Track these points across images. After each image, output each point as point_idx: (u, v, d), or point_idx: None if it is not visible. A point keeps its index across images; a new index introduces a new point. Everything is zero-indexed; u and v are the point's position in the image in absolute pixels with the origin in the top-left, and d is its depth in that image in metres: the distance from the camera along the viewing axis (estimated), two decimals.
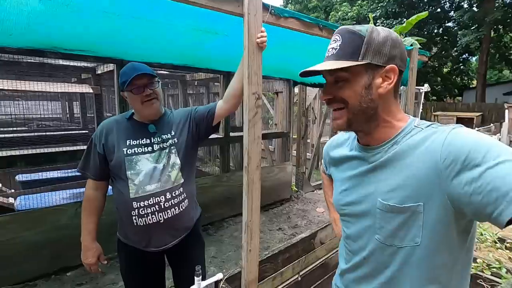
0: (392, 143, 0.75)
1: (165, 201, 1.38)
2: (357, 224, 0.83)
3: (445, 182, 0.63)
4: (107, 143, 1.40)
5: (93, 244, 1.46)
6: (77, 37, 2.07)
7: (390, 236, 0.73)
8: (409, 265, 0.73)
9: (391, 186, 0.72)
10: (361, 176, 0.81)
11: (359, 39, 0.71)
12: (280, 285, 1.82)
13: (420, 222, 0.68)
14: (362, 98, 0.73)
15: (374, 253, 0.78)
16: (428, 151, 0.67)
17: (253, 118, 1.40)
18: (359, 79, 0.73)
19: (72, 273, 2.64)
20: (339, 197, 0.88)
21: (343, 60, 0.72)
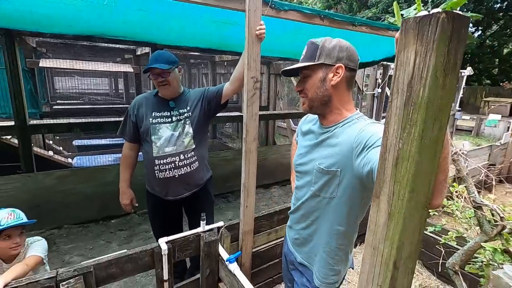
0: (335, 126, 1.04)
1: (179, 161, 1.79)
2: (303, 179, 1.15)
3: (354, 157, 0.92)
4: (138, 114, 1.82)
5: (128, 189, 1.94)
6: (119, 26, 2.47)
7: (319, 189, 1.06)
8: (328, 210, 1.06)
9: (325, 155, 1.03)
10: (311, 146, 1.12)
11: (315, 47, 1.00)
12: (275, 240, 2.17)
13: (337, 181, 1.00)
14: (318, 89, 1.01)
15: (309, 199, 1.12)
16: (349, 135, 0.96)
17: (251, 98, 1.69)
18: (316, 74, 1.01)
19: (115, 221, 3.25)
20: (296, 158, 1.21)
21: (306, 62, 1.02)
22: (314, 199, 1.09)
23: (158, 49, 3.18)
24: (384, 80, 5.36)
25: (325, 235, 1.09)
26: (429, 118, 0.53)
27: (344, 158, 0.96)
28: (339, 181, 0.99)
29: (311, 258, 1.17)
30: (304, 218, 1.15)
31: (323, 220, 1.09)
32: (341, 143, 0.98)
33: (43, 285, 1.24)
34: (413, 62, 0.54)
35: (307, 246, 1.18)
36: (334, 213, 1.05)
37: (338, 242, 1.08)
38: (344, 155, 0.96)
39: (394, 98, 0.57)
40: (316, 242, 1.14)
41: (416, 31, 0.53)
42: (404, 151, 0.56)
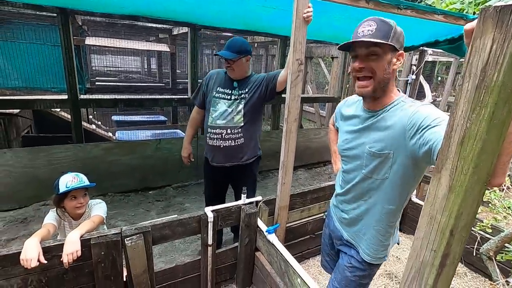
0: (384, 110, 1.06)
1: (226, 134, 2.01)
2: (352, 162, 1.19)
3: (407, 139, 0.95)
4: (207, 86, 2.12)
5: (188, 145, 2.29)
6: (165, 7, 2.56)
7: (371, 171, 1.10)
8: (380, 191, 1.10)
9: (375, 139, 1.06)
10: (358, 131, 1.15)
11: (389, 27, 0.98)
12: (307, 217, 2.28)
13: (389, 163, 1.04)
14: (385, 71, 1.01)
15: (360, 182, 1.16)
16: (401, 118, 0.98)
17: (295, 80, 1.75)
18: (386, 56, 0.99)
19: (152, 192, 3.50)
20: (342, 144, 1.23)
21: (379, 39, 0.96)
22: (366, 181, 1.12)
23: (196, 29, 3.26)
24: (420, 66, 5.15)
25: (377, 214, 1.13)
26: (501, 100, 0.58)
27: (397, 140, 0.99)
28: (391, 163, 1.02)
29: (358, 237, 1.22)
30: (355, 199, 1.20)
31: (375, 200, 1.12)
32: (393, 126, 1.01)
33: (111, 239, 1.43)
34: (489, 48, 0.58)
35: (356, 225, 1.22)
36: (386, 193, 1.08)
37: (390, 219, 1.13)
38: (396, 137, 0.99)
39: (466, 81, 0.62)
40: (367, 222, 1.18)
41: (496, 20, 0.57)
42: (472, 130, 0.62)
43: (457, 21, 2.48)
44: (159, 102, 3.22)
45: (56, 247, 1.36)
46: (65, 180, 1.61)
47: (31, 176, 2.87)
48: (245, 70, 2.06)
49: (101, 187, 3.20)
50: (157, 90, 5.12)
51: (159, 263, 2.32)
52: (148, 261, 1.55)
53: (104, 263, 1.44)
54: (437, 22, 2.41)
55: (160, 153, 3.44)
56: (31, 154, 2.85)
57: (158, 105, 3.32)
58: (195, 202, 3.36)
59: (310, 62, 5.54)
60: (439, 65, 10.18)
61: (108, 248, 1.43)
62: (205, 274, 1.86)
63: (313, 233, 2.35)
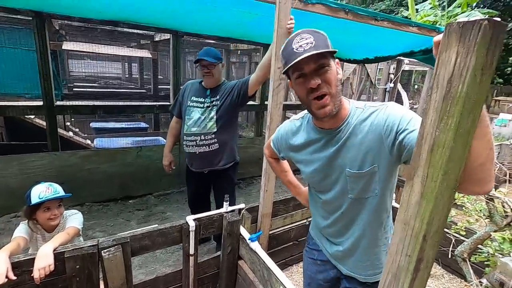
0: (346, 124, 0.96)
1: (200, 140, 2.08)
2: (332, 191, 1.04)
3: (386, 144, 0.88)
4: (183, 96, 2.23)
5: (169, 153, 2.36)
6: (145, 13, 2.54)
7: (360, 193, 0.98)
8: (372, 207, 0.99)
9: (353, 158, 0.95)
10: (329, 156, 1.00)
11: (324, 36, 0.90)
12: (290, 224, 2.28)
13: (377, 178, 0.94)
14: (336, 82, 0.90)
15: (348, 207, 1.03)
16: (374, 125, 0.90)
17: (277, 88, 1.77)
18: (333, 65, 0.90)
19: (133, 201, 3.40)
20: (312, 175, 1.07)
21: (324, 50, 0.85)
22: (356, 204, 1.01)
23: (179, 36, 3.25)
24: (397, 75, 5.37)
25: (375, 230, 1.03)
26: (465, 110, 0.62)
27: (376, 150, 0.91)
28: (378, 176, 0.94)
29: (359, 268, 1.09)
30: (346, 228, 1.07)
31: (369, 219, 1.01)
32: (367, 137, 0.92)
33: (87, 251, 1.37)
34: (454, 61, 0.62)
35: (353, 255, 1.09)
36: (379, 205, 0.99)
37: (388, 227, 1.06)
38: (375, 148, 0.91)
39: (434, 92, 0.66)
40: (365, 245, 1.05)
41: (459, 35, 0.61)
42: (440, 139, 0.65)
43: (430, 33, 2.61)
44: (140, 109, 3.17)
45: (26, 261, 1.29)
46: (37, 190, 1.54)
47: (2, 186, 2.73)
48: (221, 76, 2.19)
49: (79, 196, 3.08)
50: (138, 96, 5.04)
51: (139, 274, 2.24)
52: (127, 274, 1.50)
53: (79, 277, 1.37)
54: (412, 33, 2.53)
55: (141, 160, 3.36)
56: (1, 163, 2.70)
57: (139, 112, 3.26)
58: (177, 210, 3.30)
59: None
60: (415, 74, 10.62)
61: (83, 261, 1.37)
62: (187, 284, 1.82)
63: (296, 239, 2.36)
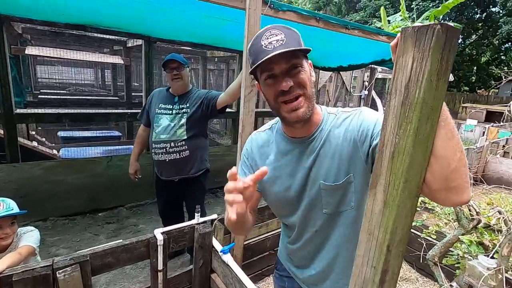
0: (320, 131, 0.86)
1: (170, 148, 2.03)
2: (305, 209, 0.90)
3: (362, 151, 0.80)
4: (151, 104, 2.18)
5: (135, 162, 2.30)
6: (113, 17, 2.45)
7: (335, 206, 0.86)
8: (347, 225, 0.88)
9: (328, 169, 0.84)
10: (307, 167, 0.87)
11: (296, 33, 0.80)
12: (265, 233, 2.23)
13: (352, 188, 0.84)
14: (311, 83, 0.80)
15: (323, 225, 0.90)
16: (348, 132, 0.82)
17: (248, 94, 1.74)
18: (306, 65, 0.80)
19: (103, 214, 3.21)
20: (284, 190, 0.91)
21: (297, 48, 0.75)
22: (330, 220, 0.89)
23: (151, 42, 3.17)
24: (371, 82, 5.54)
25: (353, 247, 0.83)
26: (423, 116, 0.60)
27: (352, 158, 0.82)
28: (354, 186, 0.84)
29: None
30: (319, 248, 0.94)
31: (346, 234, 0.89)
32: (341, 144, 0.83)
33: (39, 273, 1.25)
34: (410, 66, 0.60)
35: (329, 277, 0.95)
36: (356, 219, 0.87)
37: None
38: (350, 155, 0.82)
39: (392, 98, 0.64)
40: (340, 265, 0.92)
41: (414, 39, 0.60)
42: (400, 146, 0.63)
43: None
44: (111, 117, 3.03)
45: None
46: None
47: None
48: (189, 82, 2.16)
49: (42, 210, 2.87)
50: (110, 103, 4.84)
51: None
52: None
53: None
54: (382, 42, 2.61)
55: (112, 170, 3.20)
56: None
57: (110, 120, 3.11)
58: (151, 222, 3.16)
59: None
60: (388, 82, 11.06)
61: (35, 284, 1.24)
62: None
63: (272, 249, 2.31)
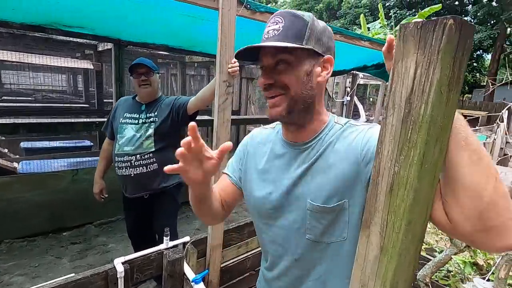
0: (318, 139, 0.74)
1: (135, 161, 1.80)
2: (283, 226, 0.77)
3: (364, 175, 0.65)
4: (115, 114, 1.94)
5: (100, 180, 2.01)
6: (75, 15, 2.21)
7: (321, 234, 0.72)
8: (338, 259, 0.73)
9: (319, 187, 0.70)
10: (293, 178, 0.75)
11: (303, 23, 0.68)
12: (245, 253, 2.05)
13: (346, 218, 0.69)
14: (304, 85, 0.69)
15: (305, 253, 0.75)
16: (350, 150, 0.67)
17: (223, 103, 1.57)
18: (302, 64, 0.69)
19: (68, 233, 2.92)
20: (263, 195, 0.80)
21: (288, 42, 0.66)
22: (316, 249, 0.74)
23: (122, 46, 2.95)
24: (353, 88, 5.52)
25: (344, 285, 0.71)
26: (431, 139, 0.46)
27: (350, 182, 0.67)
28: (348, 215, 0.69)
29: None
30: (298, 281, 0.78)
31: (334, 271, 0.74)
32: (338, 164, 0.69)
33: None
34: (413, 74, 0.46)
35: None
36: (347, 255, 0.71)
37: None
38: (349, 178, 0.67)
39: (389, 114, 0.50)
40: None
41: (418, 39, 0.45)
42: (401, 176, 0.48)
43: (381, 48, 2.62)
44: (76, 126, 2.77)
45: None
46: None
47: None
48: (158, 89, 1.96)
49: None
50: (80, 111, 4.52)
51: None
52: None
53: None
54: (365, 48, 2.53)
55: (78, 185, 2.92)
56: None
57: (75, 130, 2.85)
58: (122, 241, 2.90)
59: (251, 83, 5.55)
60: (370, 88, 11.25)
61: None
62: None
63: (253, 269, 2.12)
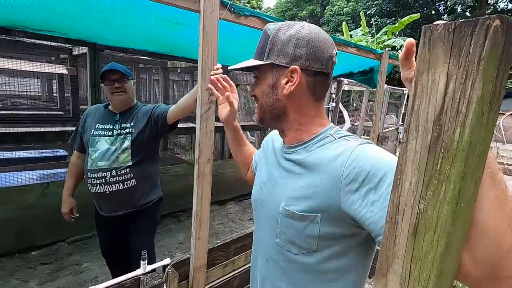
0: (304, 147, 0.73)
1: (111, 177, 1.62)
2: (265, 223, 0.80)
3: (343, 199, 0.62)
4: (84, 124, 1.75)
5: (68, 198, 1.82)
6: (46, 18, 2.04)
7: (289, 242, 0.72)
8: (306, 270, 0.71)
9: (295, 193, 0.70)
10: (275, 175, 0.79)
11: (265, 38, 0.72)
12: (231, 272, 1.92)
13: (316, 232, 0.67)
14: (267, 97, 0.74)
15: (273, 257, 0.77)
16: (334, 166, 0.65)
17: (205, 113, 1.45)
18: (265, 78, 0.74)
19: (36, 253, 2.67)
20: (255, 191, 0.88)
21: (255, 59, 0.74)
22: (282, 256, 0.74)
23: (98, 50, 2.77)
24: (338, 95, 5.53)
25: None
26: (469, 171, 0.36)
27: (327, 198, 0.65)
28: (319, 231, 0.67)
29: None
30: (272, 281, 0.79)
31: (301, 283, 0.73)
32: (320, 177, 0.66)
33: None
34: (443, 89, 0.36)
35: None
36: (316, 272, 0.70)
37: None
38: (327, 194, 0.65)
39: (412, 138, 0.40)
40: None
41: (449, 44, 0.36)
42: (429, 216, 0.38)
43: (367, 55, 2.60)
44: (47, 136, 2.56)
45: None
46: None
47: None
48: (133, 96, 1.81)
49: None
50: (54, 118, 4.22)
51: None
52: None
53: None
54: (351, 54, 2.48)
55: (49, 199, 2.69)
56: None
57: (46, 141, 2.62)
58: (98, 259, 2.67)
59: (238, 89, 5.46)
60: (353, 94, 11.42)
61: None
62: None
63: None
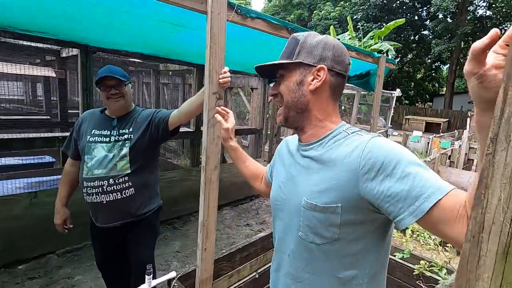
0: (320, 143, 0.81)
1: (108, 186, 1.53)
2: (286, 220, 0.86)
3: (362, 187, 0.69)
4: (79, 130, 1.66)
5: (62, 208, 1.70)
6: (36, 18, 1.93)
7: (312, 233, 0.77)
8: (328, 258, 0.77)
9: (316, 187, 0.76)
10: (294, 174, 0.86)
11: (296, 42, 0.82)
12: (237, 282, 1.85)
13: (338, 221, 0.73)
14: (293, 93, 0.82)
15: (296, 250, 0.82)
16: (351, 159, 0.71)
17: (213, 118, 1.39)
18: (292, 76, 0.82)
19: (24, 266, 2.51)
20: (275, 191, 0.93)
21: (283, 59, 0.83)
22: (307, 249, 0.79)
23: (90, 52, 2.66)
24: None
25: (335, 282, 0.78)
26: None
27: (346, 189, 0.71)
28: (340, 220, 0.73)
29: None
30: (291, 282, 0.84)
31: (324, 270, 0.79)
32: (338, 170, 0.73)
33: None
34: None
35: None
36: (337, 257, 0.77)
37: None
38: (346, 186, 0.71)
39: (501, 149, 0.36)
40: None
41: None
42: None
43: (366, 58, 2.60)
44: (35, 143, 2.42)
45: None
46: None
47: None
48: (131, 101, 1.72)
49: None
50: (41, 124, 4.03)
51: None
52: None
53: None
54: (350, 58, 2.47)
55: (37, 210, 2.55)
56: None
57: (33, 147, 2.47)
58: (91, 271, 2.55)
59: (229, 92, 5.40)
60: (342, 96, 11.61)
61: None
62: None
63: None
